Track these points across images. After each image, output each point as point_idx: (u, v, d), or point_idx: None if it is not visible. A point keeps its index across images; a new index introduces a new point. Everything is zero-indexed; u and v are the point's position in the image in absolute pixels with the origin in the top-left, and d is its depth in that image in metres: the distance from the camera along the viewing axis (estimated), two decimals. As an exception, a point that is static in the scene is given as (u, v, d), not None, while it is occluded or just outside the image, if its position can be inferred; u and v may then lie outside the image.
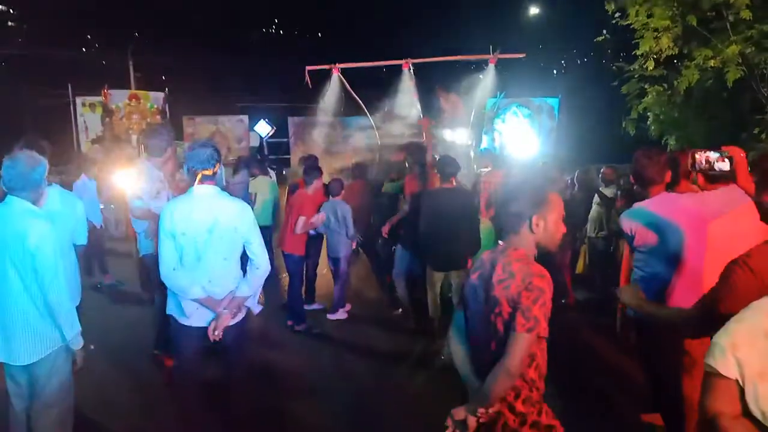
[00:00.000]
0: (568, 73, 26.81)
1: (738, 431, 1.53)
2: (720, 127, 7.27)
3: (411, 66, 9.11)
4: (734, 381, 1.53)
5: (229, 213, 3.13)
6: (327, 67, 9.18)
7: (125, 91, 14.02)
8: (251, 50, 34.79)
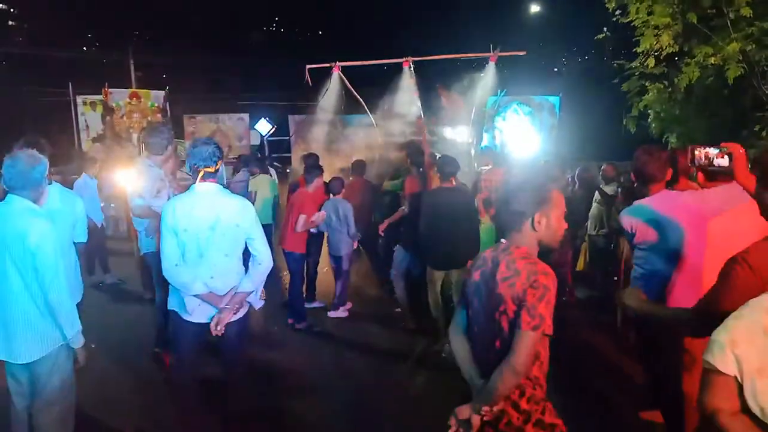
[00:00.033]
0: (569, 71, 26.80)
1: (737, 427, 1.53)
2: (721, 125, 7.25)
3: (411, 64, 9.08)
4: (733, 377, 1.53)
5: (231, 210, 3.14)
6: (327, 65, 9.17)
7: (126, 89, 14.00)
8: (251, 49, 34.84)
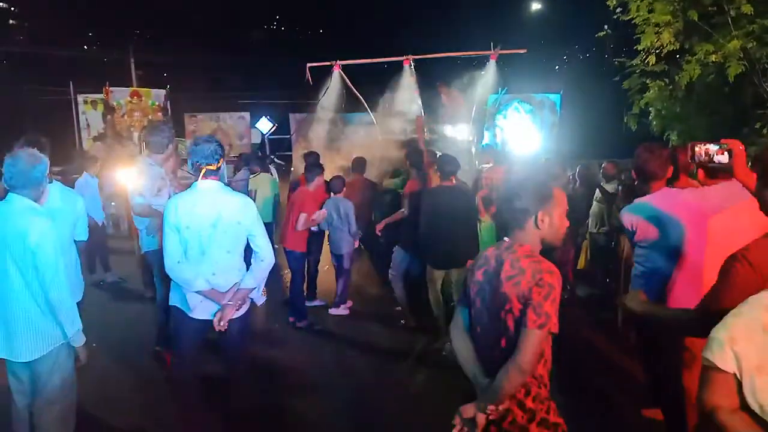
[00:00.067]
0: (570, 69, 26.72)
1: (736, 424, 1.53)
2: (722, 122, 7.25)
3: (412, 62, 9.08)
4: (732, 375, 1.53)
5: (233, 207, 3.16)
6: (328, 63, 9.17)
7: (127, 88, 14.00)
8: (252, 47, 34.85)
